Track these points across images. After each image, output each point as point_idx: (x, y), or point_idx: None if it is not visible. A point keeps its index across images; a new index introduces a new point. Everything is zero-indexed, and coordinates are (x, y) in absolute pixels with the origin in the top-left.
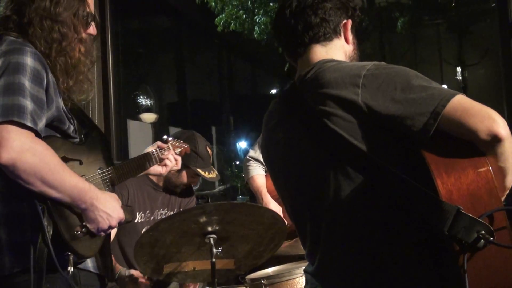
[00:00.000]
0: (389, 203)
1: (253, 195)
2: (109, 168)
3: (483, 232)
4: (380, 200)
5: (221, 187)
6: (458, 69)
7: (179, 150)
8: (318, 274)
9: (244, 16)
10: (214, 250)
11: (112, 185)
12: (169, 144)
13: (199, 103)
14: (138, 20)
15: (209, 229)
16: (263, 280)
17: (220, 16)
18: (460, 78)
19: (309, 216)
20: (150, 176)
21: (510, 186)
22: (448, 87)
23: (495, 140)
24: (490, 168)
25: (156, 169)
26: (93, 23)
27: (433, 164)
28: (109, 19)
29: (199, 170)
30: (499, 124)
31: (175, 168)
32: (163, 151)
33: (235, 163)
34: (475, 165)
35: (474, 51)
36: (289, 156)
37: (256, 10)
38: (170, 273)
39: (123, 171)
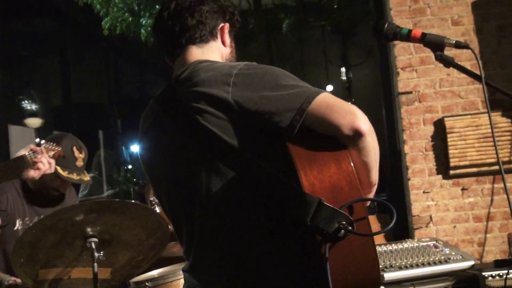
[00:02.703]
0: (258, 197)
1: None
2: None
3: (344, 222)
4: (250, 194)
5: (110, 191)
6: (343, 69)
7: (52, 153)
8: (192, 270)
9: (130, 18)
10: (96, 254)
11: None
12: (42, 147)
13: (86, 107)
14: (21, 23)
15: (90, 231)
16: (148, 282)
17: (106, 19)
18: (345, 78)
19: (184, 213)
20: (28, 182)
21: (376, 181)
22: (333, 87)
23: (357, 134)
24: (351, 162)
25: (29, 173)
26: None
27: (297, 158)
28: None
29: (58, 168)
30: (360, 120)
31: (49, 171)
32: (36, 154)
33: (126, 167)
34: (337, 158)
35: (358, 52)
36: (165, 155)
37: (142, 13)
38: (44, 281)
39: None
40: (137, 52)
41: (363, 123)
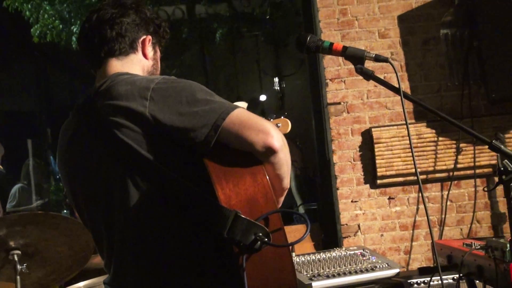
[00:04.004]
0: (175, 210)
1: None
2: None
3: (260, 234)
4: (167, 207)
5: (39, 201)
6: (276, 79)
7: None
8: (113, 283)
9: (61, 26)
10: (19, 267)
11: None
12: None
13: (14, 115)
14: None
15: (13, 244)
16: None
17: (35, 26)
18: (278, 88)
19: (103, 226)
20: None
21: (288, 186)
22: (267, 96)
23: (270, 151)
24: (267, 175)
25: None
26: None
27: (214, 172)
28: None
29: None
30: (273, 137)
31: None
32: None
33: (58, 176)
34: (253, 172)
35: (291, 62)
36: (83, 168)
37: (72, 20)
38: None
39: None
40: (68, 60)
41: (276, 140)
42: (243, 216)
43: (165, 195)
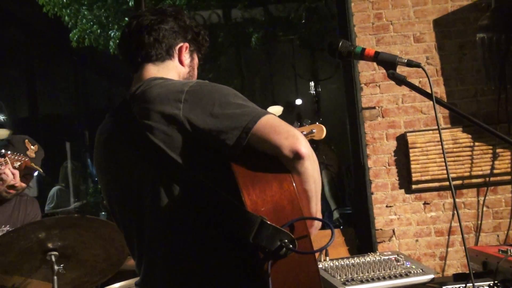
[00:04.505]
0: (202, 214)
1: None
2: None
3: (286, 240)
4: (194, 211)
5: (76, 203)
6: (312, 83)
7: (18, 164)
8: (143, 285)
9: (99, 31)
10: (56, 267)
11: None
12: (6, 158)
13: (53, 118)
14: None
15: (51, 246)
16: None
17: (74, 31)
18: (314, 92)
19: (135, 228)
20: None
21: (315, 213)
22: (302, 101)
23: (297, 157)
24: (293, 182)
25: None
26: None
27: (240, 177)
28: None
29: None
30: (301, 143)
31: (12, 182)
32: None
33: (96, 178)
34: (280, 179)
35: (326, 66)
36: (116, 171)
37: (110, 25)
38: None
39: None
40: (106, 64)
41: (303, 146)
42: (269, 222)
43: (193, 198)
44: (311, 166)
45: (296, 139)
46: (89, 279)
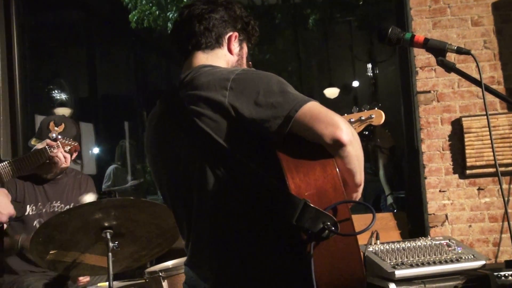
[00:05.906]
0: (247, 196)
1: None
2: (4, 162)
3: (328, 223)
4: (241, 194)
5: (133, 181)
6: (369, 65)
7: (69, 148)
8: (191, 263)
9: (157, 12)
10: (111, 244)
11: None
12: (58, 142)
13: (112, 98)
14: (50, 15)
15: (106, 224)
16: (161, 272)
17: (133, 12)
18: (371, 74)
19: (183, 210)
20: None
21: (361, 182)
22: (359, 83)
23: (338, 144)
24: (337, 167)
25: (45, 167)
26: None
27: (285, 162)
28: (14, 13)
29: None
30: (342, 130)
31: (64, 165)
32: (52, 149)
33: None
34: (323, 164)
35: (384, 48)
36: (166, 154)
37: (169, 6)
38: (52, 261)
39: (16, 167)
40: (163, 44)
41: (345, 134)
42: (312, 205)
43: (239, 182)
44: (354, 149)
45: (336, 128)
46: (147, 252)
